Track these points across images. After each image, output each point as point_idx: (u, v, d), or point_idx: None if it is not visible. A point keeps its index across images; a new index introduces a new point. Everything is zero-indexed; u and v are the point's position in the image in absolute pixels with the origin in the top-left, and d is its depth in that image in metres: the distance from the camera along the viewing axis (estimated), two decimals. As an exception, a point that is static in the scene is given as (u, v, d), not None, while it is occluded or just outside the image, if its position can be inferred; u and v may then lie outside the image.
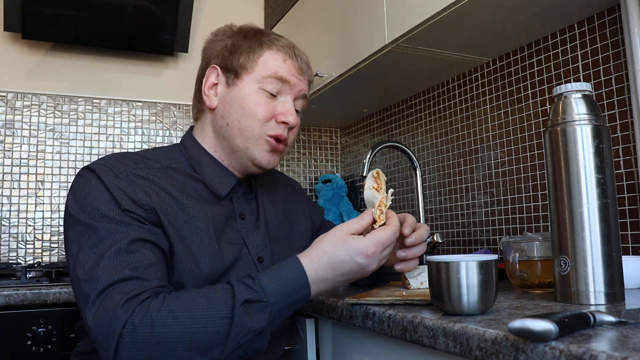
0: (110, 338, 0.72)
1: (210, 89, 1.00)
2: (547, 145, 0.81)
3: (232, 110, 0.97)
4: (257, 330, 0.76)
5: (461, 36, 1.35)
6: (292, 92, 0.99)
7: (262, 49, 0.99)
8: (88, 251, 0.79)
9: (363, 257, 0.81)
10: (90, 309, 0.75)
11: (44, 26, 1.88)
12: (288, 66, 0.99)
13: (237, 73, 0.98)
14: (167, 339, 0.72)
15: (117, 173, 0.87)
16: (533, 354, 0.54)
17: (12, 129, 1.91)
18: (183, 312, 0.74)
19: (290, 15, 2.00)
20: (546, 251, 0.91)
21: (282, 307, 0.78)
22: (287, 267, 0.80)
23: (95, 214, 0.82)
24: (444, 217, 1.72)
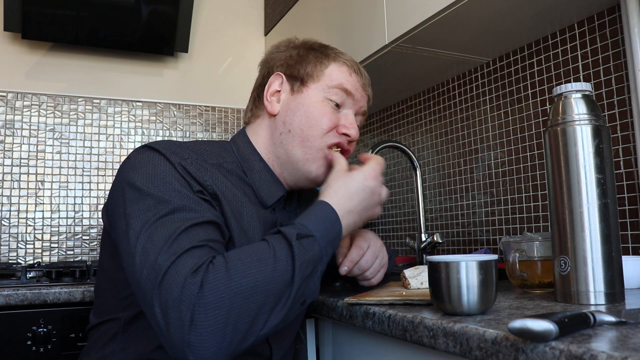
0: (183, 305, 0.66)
1: (272, 95, 1.00)
2: (547, 145, 0.81)
3: (295, 117, 0.96)
4: (314, 261, 0.77)
5: (461, 36, 1.35)
6: (354, 106, 1.01)
7: (329, 60, 1.00)
8: (156, 222, 0.74)
9: (370, 179, 0.88)
10: (160, 278, 0.69)
11: (44, 26, 1.88)
12: (353, 80, 1.00)
13: (304, 81, 0.98)
14: (241, 288, 0.69)
15: (183, 157, 0.84)
16: (533, 354, 0.54)
17: (12, 129, 1.91)
18: (249, 259, 0.72)
19: (290, 15, 2.00)
20: (546, 251, 0.91)
21: (326, 243, 0.80)
22: (318, 208, 0.83)
23: (167, 188, 0.78)
24: (444, 217, 1.72)
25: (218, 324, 0.67)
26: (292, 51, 1.02)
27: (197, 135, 2.18)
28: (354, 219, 0.87)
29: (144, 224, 0.74)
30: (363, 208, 0.88)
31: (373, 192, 0.89)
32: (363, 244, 1.01)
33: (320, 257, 0.78)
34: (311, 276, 0.77)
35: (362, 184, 0.87)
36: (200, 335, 0.66)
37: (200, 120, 2.19)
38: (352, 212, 0.86)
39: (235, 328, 0.68)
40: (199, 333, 0.66)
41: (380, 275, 1.05)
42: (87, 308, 1.31)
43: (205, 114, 2.20)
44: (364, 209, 0.88)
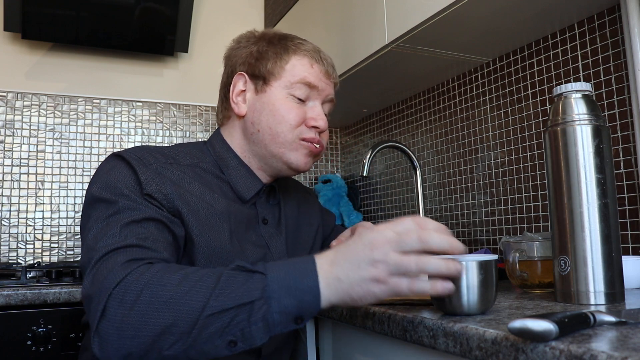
0: (101, 294, 0.67)
1: (238, 96, 1.00)
2: (547, 145, 0.81)
3: (262, 117, 0.97)
4: (249, 297, 0.65)
5: (461, 36, 1.35)
6: (320, 96, 1.01)
7: (289, 54, 0.99)
8: (101, 222, 0.79)
9: (377, 248, 0.66)
10: (90, 272, 0.72)
11: (44, 26, 1.88)
12: (315, 71, 0.99)
13: (266, 79, 0.98)
14: (154, 298, 0.66)
15: (146, 163, 0.87)
16: (533, 354, 0.54)
17: (12, 129, 1.91)
18: (177, 275, 0.68)
19: (290, 15, 2.00)
20: (546, 251, 0.91)
21: (281, 287, 0.66)
22: (301, 257, 0.71)
23: (116, 192, 0.82)
24: (444, 217, 1.72)
25: (124, 324, 0.66)
26: (252, 47, 1.01)
27: (197, 135, 2.18)
28: (342, 287, 0.66)
29: (94, 224, 0.80)
30: (354, 279, 0.66)
31: (372, 265, 0.65)
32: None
33: (266, 298, 0.65)
34: (249, 316, 0.65)
35: (362, 249, 0.67)
36: (107, 329, 0.66)
37: (200, 120, 2.19)
38: (340, 280, 0.66)
39: (138, 335, 0.66)
40: (106, 325, 0.66)
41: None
42: (87, 308, 1.31)
43: (205, 114, 2.20)
44: (355, 281, 0.66)
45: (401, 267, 0.65)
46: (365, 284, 0.65)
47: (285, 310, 0.66)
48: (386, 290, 0.66)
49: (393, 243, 0.66)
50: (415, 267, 0.65)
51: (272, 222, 1.02)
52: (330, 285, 0.67)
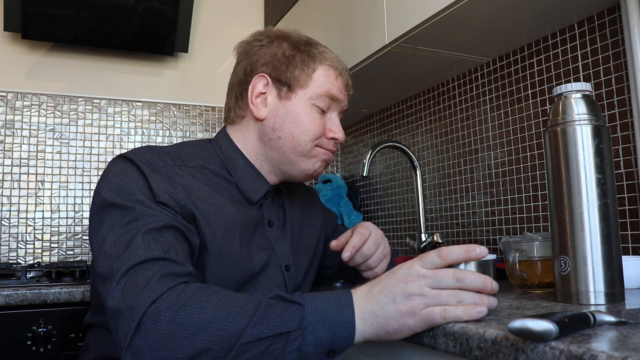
0: (135, 310, 0.67)
1: (257, 97, 0.98)
2: (547, 145, 0.81)
3: (285, 124, 0.97)
4: (286, 327, 0.66)
5: (461, 36, 1.35)
6: (339, 107, 1.03)
7: (316, 63, 0.99)
8: (119, 229, 0.77)
9: (412, 281, 0.67)
10: (117, 284, 0.71)
11: (44, 26, 1.88)
12: (339, 84, 1.01)
13: (291, 87, 0.98)
14: (190, 321, 0.66)
15: (155, 167, 0.86)
16: (533, 354, 0.54)
17: (12, 129, 1.91)
18: (214, 298, 0.69)
19: (290, 15, 2.00)
20: (546, 251, 0.91)
21: (317, 319, 0.67)
22: (338, 291, 0.71)
23: (131, 198, 0.81)
24: (444, 217, 1.72)
25: (159, 344, 0.66)
26: (277, 49, 0.99)
27: (197, 135, 2.18)
28: (377, 320, 0.67)
29: (109, 230, 0.78)
30: (389, 312, 0.67)
31: (408, 298, 0.66)
32: (364, 231, 1.02)
33: (302, 330, 0.66)
34: (285, 346, 0.66)
35: (396, 284, 0.68)
36: (141, 346, 0.66)
37: (200, 120, 2.19)
38: (375, 314, 0.67)
39: (172, 356, 0.66)
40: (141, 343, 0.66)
41: (384, 265, 1.05)
42: (87, 308, 1.31)
43: (205, 114, 2.20)
44: (391, 314, 0.67)
45: (440, 301, 0.66)
46: (401, 318, 0.66)
47: (320, 343, 0.67)
48: (420, 323, 0.66)
49: (428, 279, 0.67)
50: (453, 302, 0.67)
51: (277, 224, 1.02)
52: (365, 320, 0.68)
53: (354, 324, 0.67)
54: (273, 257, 0.97)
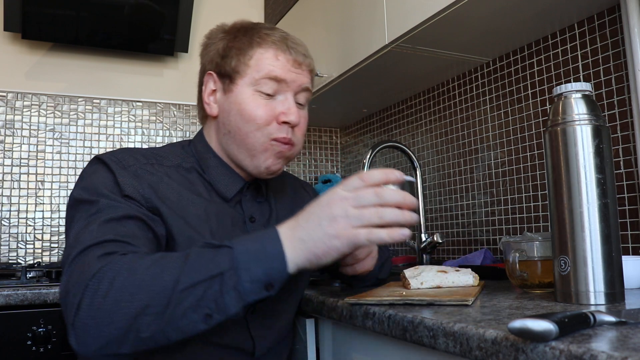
0: (78, 288, 0.68)
1: (210, 96, 0.99)
2: (547, 145, 0.81)
3: (230, 117, 0.95)
4: (219, 269, 0.68)
5: (461, 36, 1.35)
6: (290, 88, 0.95)
7: (253, 48, 0.95)
8: (83, 221, 0.79)
9: (330, 204, 0.70)
10: (67, 269, 0.72)
11: (44, 26, 1.88)
12: (281, 62, 0.94)
13: (232, 78, 0.96)
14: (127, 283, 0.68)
15: (125, 165, 0.88)
16: (533, 354, 0.54)
17: (12, 129, 1.91)
18: (148, 260, 0.70)
19: (290, 15, 2.00)
20: (546, 251, 0.91)
21: (248, 257, 0.69)
22: (261, 230, 0.74)
23: (96, 193, 0.83)
24: (444, 217, 1.72)
25: (100, 312, 0.67)
26: (219, 44, 0.99)
27: (197, 135, 2.18)
28: (306, 246, 0.70)
29: (75, 224, 0.80)
30: (317, 237, 0.69)
31: (333, 221, 0.69)
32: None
33: (235, 269, 0.68)
34: (221, 287, 0.67)
35: (321, 209, 0.71)
36: (84, 319, 0.67)
37: (200, 120, 2.19)
38: (303, 240, 0.70)
39: (114, 320, 0.66)
40: (83, 316, 0.67)
41: (370, 262, 0.98)
42: (87, 308, 1.31)
43: (205, 114, 2.20)
44: (318, 238, 0.69)
45: (363, 219, 0.69)
46: (329, 240, 0.69)
47: (256, 278, 0.68)
48: (346, 243, 0.69)
49: (351, 199, 0.70)
50: (377, 219, 0.69)
51: (260, 220, 1.00)
52: (295, 247, 0.70)
53: (284, 253, 0.69)
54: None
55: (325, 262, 0.71)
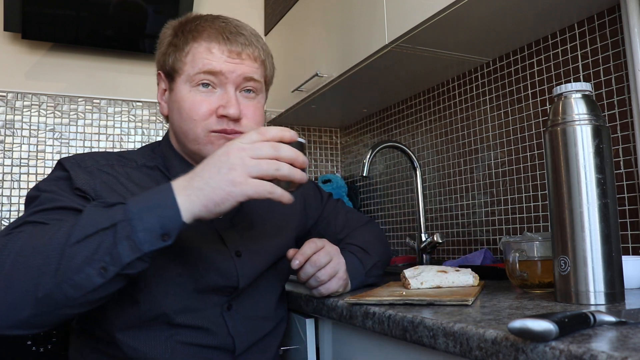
0: None
1: (162, 96, 1.00)
2: (547, 145, 0.81)
3: (174, 115, 0.96)
4: (112, 221, 0.69)
5: (461, 36, 1.35)
6: (229, 80, 0.92)
7: (187, 44, 0.93)
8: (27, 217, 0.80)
9: (228, 153, 0.73)
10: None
11: (44, 26, 1.88)
12: (216, 55, 0.92)
13: (172, 77, 0.96)
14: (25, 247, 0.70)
15: (81, 165, 0.89)
16: (533, 354, 0.54)
17: (12, 129, 1.91)
18: (48, 225, 0.73)
19: (290, 15, 2.00)
20: (546, 251, 0.91)
21: (140, 208, 0.70)
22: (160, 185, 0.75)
23: (41, 190, 0.84)
24: (444, 217, 1.72)
25: (9, 281, 0.68)
26: (164, 42, 0.98)
27: (197, 135, 2.18)
28: (203, 194, 0.71)
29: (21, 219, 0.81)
30: (215, 184, 0.72)
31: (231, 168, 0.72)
32: (317, 241, 0.96)
33: (128, 220, 0.69)
34: (114, 238, 0.68)
35: (219, 159, 0.73)
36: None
37: (200, 120, 2.19)
38: (200, 189, 0.72)
39: (12, 286, 0.68)
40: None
41: (335, 284, 0.97)
42: (87, 308, 1.32)
43: (205, 114, 2.20)
44: (216, 185, 0.72)
45: (260, 169, 0.72)
46: (227, 186, 0.71)
47: (149, 227, 0.69)
48: (245, 191, 0.72)
49: (248, 150, 0.73)
50: (273, 171, 0.73)
51: (226, 215, 0.96)
52: (189, 196, 0.71)
53: (176, 201, 0.70)
54: (222, 249, 0.94)
55: (224, 209, 0.73)
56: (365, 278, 1.07)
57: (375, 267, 1.10)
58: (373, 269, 1.09)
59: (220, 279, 0.93)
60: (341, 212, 1.21)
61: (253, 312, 0.98)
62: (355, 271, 1.03)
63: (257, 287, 0.99)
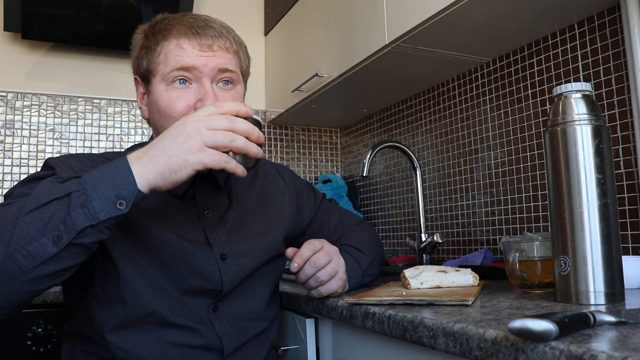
0: None
1: (141, 100, 1.00)
2: (547, 145, 0.81)
3: (154, 116, 0.96)
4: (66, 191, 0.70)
5: (461, 36, 1.35)
6: (203, 74, 0.91)
7: (158, 43, 0.93)
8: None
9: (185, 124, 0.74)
10: None
11: (44, 26, 1.88)
12: (187, 50, 0.91)
13: (148, 79, 0.96)
14: None
15: (66, 164, 0.89)
16: (533, 354, 0.54)
17: (12, 129, 1.91)
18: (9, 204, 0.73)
19: (290, 15, 2.00)
20: (546, 251, 0.91)
21: (96, 179, 0.70)
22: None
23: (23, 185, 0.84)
24: (444, 217, 1.72)
25: None
26: (137, 46, 0.98)
27: (197, 135, 2.18)
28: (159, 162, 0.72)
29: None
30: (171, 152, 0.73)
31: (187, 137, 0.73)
32: (316, 243, 0.95)
33: (82, 190, 0.69)
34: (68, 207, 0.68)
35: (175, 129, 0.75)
36: None
37: (200, 120, 2.19)
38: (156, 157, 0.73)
39: None
40: None
41: (335, 284, 0.96)
42: (87, 308, 1.31)
43: (205, 114, 2.20)
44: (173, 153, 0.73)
45: (216, 139, 0.74)
46: (184, 154, 0.72)
47: (104, 196, 0.70)
48: (203, 159, 0.73)
49: (205, 121, 0.74)
50: (228, 141, 0.74)
51: (215, 213, 0.98)
52: (145, 164, 0.72)
53: (131, 169, 0.71)
54: (207, 251, 0.94)
55: (180, 178, 0.73)
56: (362, 277, 1.07)
57: (371, 266, 1.10)
58: (369, 268, 1.09)
59: (203, 283, 0.93)
60: (335, 212, 1.21)
61: (240, 313, 0.97)
62: (353, 271, 1.02)
63: (244, 289, 0.99)
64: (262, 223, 1.04)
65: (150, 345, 0.89)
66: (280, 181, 1.14)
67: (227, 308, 0.96)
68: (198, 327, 0.91)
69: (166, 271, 0.90)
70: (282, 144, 2.31)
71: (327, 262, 0.94)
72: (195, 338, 0.91)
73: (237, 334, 0.96)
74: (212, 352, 0.93)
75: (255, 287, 1.01)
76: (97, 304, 0.89)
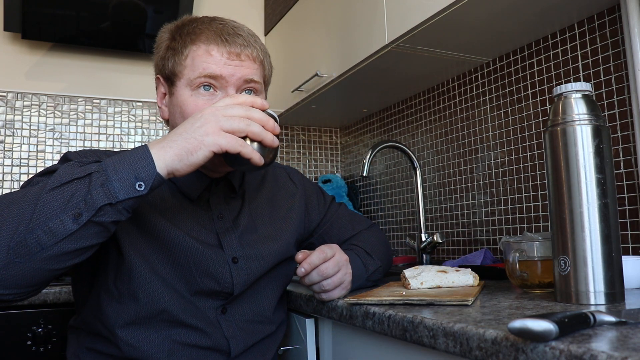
0: None
1: (162, 100, 1.00)
2: (547, 145, 0.81)
3: (176, 120, 0.95)
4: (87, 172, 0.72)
5: (461, 36, 1.35)
6: (230, 83, 0.92)
7: (186, 47, 0.93)
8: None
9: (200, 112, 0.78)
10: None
11: (44, 26, 1.88)
12: (215, 58, 0.92)
13: (172, 81, 0.95)
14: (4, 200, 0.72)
15: (84, 157, 0.89)
16: (533, 354, 0.54)
17: (12, 129, 1.91)
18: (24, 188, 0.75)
19: (290, 15, 2.00)
20: (546, 251, 0.91)
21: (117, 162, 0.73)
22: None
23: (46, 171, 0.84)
24: (444, 217, 1.72)
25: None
26: (162, 45, 0.98)
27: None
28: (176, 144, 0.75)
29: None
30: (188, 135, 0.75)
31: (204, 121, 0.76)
32: (327, 250, 0.93)
33: (103, 171, 0.71)
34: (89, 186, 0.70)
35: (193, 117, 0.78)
36: None
37: (200, 120, 2.19)
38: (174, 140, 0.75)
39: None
40: None
41: (338, 293, 0.95)
42: (87, 308, 1.31)
43: (205, 114, 2.20)
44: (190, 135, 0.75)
45: (233, 124, 0.77)
46: (200, 136, 0.75)
47: (123, 177, 0.72)
48: (219, 141, 0.75)
49: (221, 109, 0.78)
50: (244, 126, 0.77)
51: (228, 216, 0.99)
52: (163, 148, 0.74)
53: (150, 153, 0.74)
54: (219, 253, 0.94)
55: (197, 160, 0.75)
56: (365, 282, 1.07)
57: (376, 272, 1.09)
58: (374, 274, 1.09)
59: (214, 285, 0.93)
60: (344, 215, 1.21)
61: (249, 316, 0.98)
62: (358, 275, 1.02)
63: (254, 292, 0.99)
64: (273, 226, 1.05)
65: (159, 343, 0.89)
66: (289, 184, 1.15)
67: (236, 310, 0.96)
68: (206, 328, 0.92)
69: (178, 271, 0.91)
70: (282, 144, 2.31)
71: (335, 272, 0.93)
72: (203, 339, 0.91)
73: (245, 336, 0.96)
74: (219, 354, 0.93)
75: (264, 290, 1.01)
76: (108, 299, 0.89)
